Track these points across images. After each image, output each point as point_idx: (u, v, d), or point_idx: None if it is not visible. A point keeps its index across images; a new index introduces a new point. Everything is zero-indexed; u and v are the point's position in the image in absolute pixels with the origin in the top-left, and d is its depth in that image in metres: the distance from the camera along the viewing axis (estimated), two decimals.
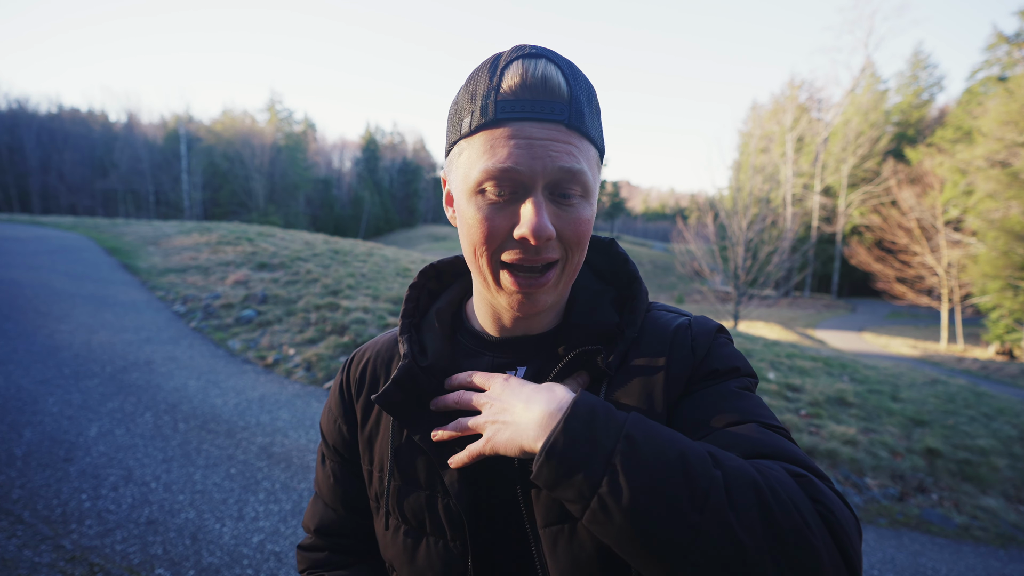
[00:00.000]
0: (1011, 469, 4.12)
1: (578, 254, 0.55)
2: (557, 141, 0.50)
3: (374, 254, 10.68)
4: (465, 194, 0.54)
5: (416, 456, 0.62)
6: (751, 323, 22.64)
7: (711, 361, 0.60)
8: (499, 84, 0.51)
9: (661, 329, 0.63)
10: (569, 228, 0.53)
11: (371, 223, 60.72)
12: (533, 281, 0.54)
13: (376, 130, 69.34)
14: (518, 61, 0.51)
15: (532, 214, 0.50)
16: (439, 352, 0.64)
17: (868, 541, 3.13)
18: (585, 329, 0.61)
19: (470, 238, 0.54)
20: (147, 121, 54.75)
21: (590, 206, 0.54)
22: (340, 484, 0.71)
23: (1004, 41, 21.77)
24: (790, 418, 4.64)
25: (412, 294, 0.70)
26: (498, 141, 0.50)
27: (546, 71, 0.50)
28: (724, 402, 0.56)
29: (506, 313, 0.62)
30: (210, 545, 2.47)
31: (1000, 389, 10.20)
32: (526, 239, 0.51)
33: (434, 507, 0.61)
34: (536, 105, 0.50)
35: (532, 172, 0.50)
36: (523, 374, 0.63)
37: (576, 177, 0.51)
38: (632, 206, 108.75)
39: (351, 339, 5.57)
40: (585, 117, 0.52)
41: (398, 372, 0.61)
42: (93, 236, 11.99)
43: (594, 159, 0.55)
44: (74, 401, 3.82)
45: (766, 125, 36.64)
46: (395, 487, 0.64)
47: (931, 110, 35.36)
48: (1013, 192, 16.57)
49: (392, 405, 0.61)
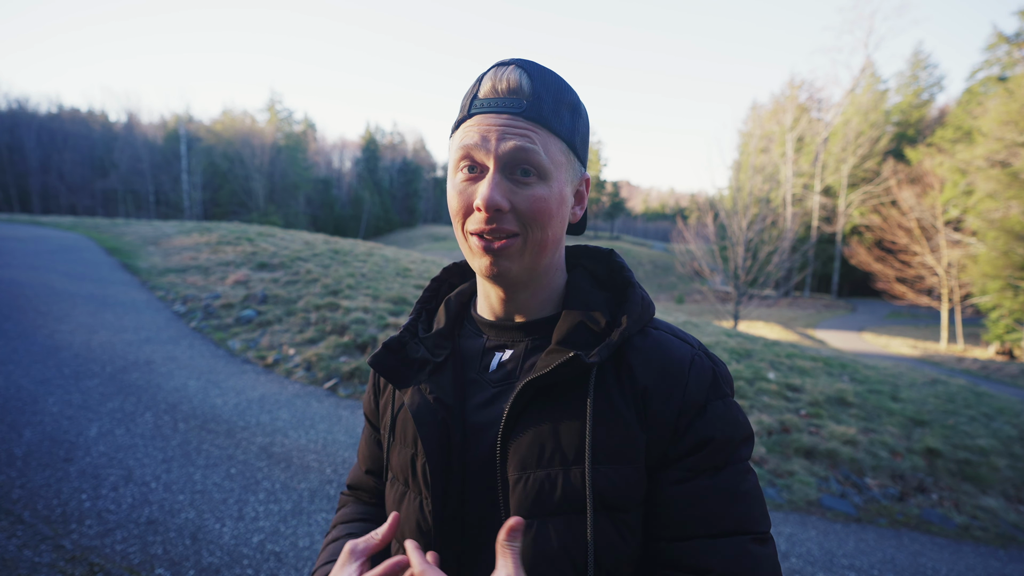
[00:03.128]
0: (1011, 469, 4.12)
1: (538, 230, 0.60)
2: (513, 127, 0.58)
3: (374, 254, 10.68)
4: (449, 175, 0.64)
5: (406, 416, 0.69)
6: (751, 323, 22.64)
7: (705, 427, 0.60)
8: (477, 90, 0.61)
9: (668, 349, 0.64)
10: (524, 203, 0.59)
11: (371, 223, 60.72)
12: (494, 245, 0.60)
13: (376, 130, 69.31)
14: (493, 70, 0.62)
15: (485, 187, 0.58)
16: (439, 328, 0.73)
17: (868, 541, 3.13)
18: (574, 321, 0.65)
19: (451, 211, 0.63)
20: (147, 121, 54.71)
21: (547, 187, 0.60)
22: (367, 449, 0.83)
23: (1004, 41, 21.76)
24: (790, 418, 4.64)
25: (433, 285, 0.81)
26: (468, 129, 0.61)
27: (511, 75, 0.60)
28: (714, 503, 0.58)
29: (492, 291, 0.68)
30: (210, 545, 2.47)
31: (1000, 389, 10.20)
32: (480, 209, 0.58)
33: (414, 464, 0.66)
34: (500, 101, 0.59)
35: (488, 150, 0.58)
36: (509, 355, 0.68)
37: (529, 156, 0.58)
38: (632, 206, 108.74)
39: (351, 339, 5.57)
40: (545, 110, 0.59)
41: (389, 339, 0.71)
42: (93, 236, 12.00)
43: (557, 148, 0.61)
44: (74, 401, 3.82)
45: (766, 125, 36.64)
46: (390, 445, 0.72)
47: (931, 110, 35.35)
48: (1013, 192, 16.57)
49: (382, 367, 0.69)
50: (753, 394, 5.21)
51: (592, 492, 0.57)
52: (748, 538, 0.57)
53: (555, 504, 0.58)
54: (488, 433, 0.63)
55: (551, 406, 0.61)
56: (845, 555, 2.96)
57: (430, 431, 0.63)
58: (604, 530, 0.57)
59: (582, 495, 0.57)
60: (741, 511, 0.58)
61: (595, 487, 0.57)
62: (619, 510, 0.58)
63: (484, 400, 0.66)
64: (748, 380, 5.59)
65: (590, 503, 0.57)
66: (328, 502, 2.91)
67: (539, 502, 0.58)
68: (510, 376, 0.66)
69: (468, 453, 0.63)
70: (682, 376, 0.61)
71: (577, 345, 0.62)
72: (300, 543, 2.55)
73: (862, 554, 2.98)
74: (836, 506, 3.47)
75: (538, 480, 0.59)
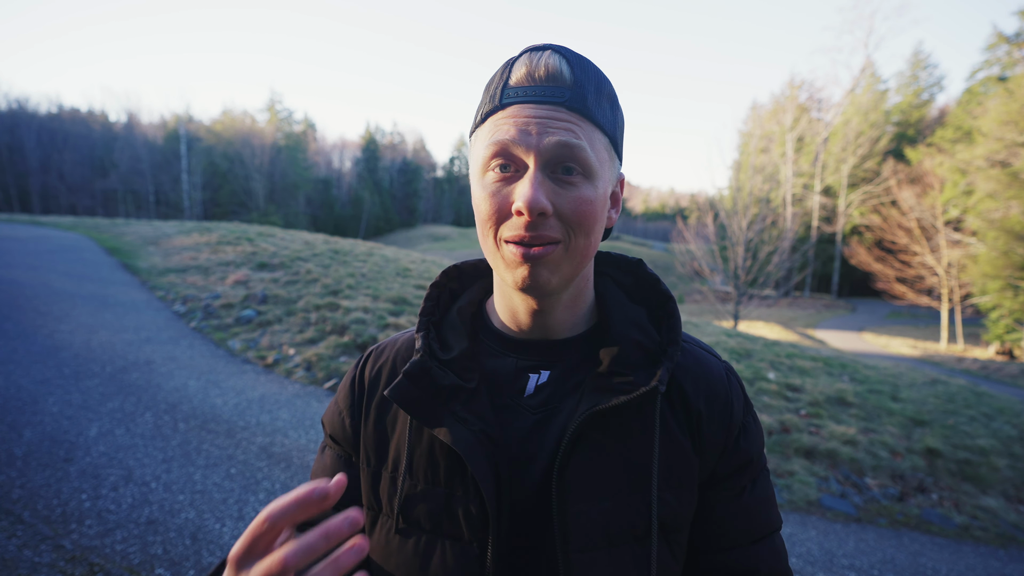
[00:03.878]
0: (1011, 469, 4.12)
1: (582, 236, 0.54)
2: (556, 119, 0.52)
3: (374, 254, 10.68)
4: (475, 176, 0.57)
5: (434, 453, 0.60)
6: (751, 323, 22.64)
7: (747, 448, 0.63)
8: (508, 77, 0.55)
9: (708, 367, 0.64)
10: (568, 205, 0.52)
11: (371, 223, 60.70)
12: (534, 252, 0.53)
13: (376, 130, 69.33)
14: (526, 55, 0.55)
15: (527, 188, 0.51)
16: (462, 348, 0.63)
17: (868, 541, 3.13)
18: (626, 341, 0.60)
19: (479, 217, 0.56)
20: (147, 121, 54.75)
21: (593, 188, 0.54)
22: (331, 473, 0.69)
23: (1004, 41, 21.76)
24: (790, 418, 4.64)
25: (433, 293, 0.70)
26: (501, 122, 0.54)
27: (549, 60, 0.53)
28: (755, 513, 0.62)
29: (522, 304, 0.61)
30: (210, 545, 2.47)
31: (1000, 389, 10.20)
32: (521, 212, 0.51)
33: (452, 507, 0.58)
34: (538, 90, 0.53)
35: (528, 146, 0.52)
36: (546, 377, 0.61)
37: (574, 153, 0.52)
38: (632, 206, 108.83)
39: (351, 339, 5.57)
40: (588, 101, 0.53)
41: (409, 366, 0.60)
42: (93, 236, 12.00)
43: (600, 143, 0.55)
44: (74, 401, 3.82)
45: (766, 125, 36.64)
46: (408, 487, 0.60)
47: (931, 110, 35.35)
48: (1013, 192, 16.57)
49: (405, 400, 0.59)
50: (753, 394, 5.21)
51: (657, 520, 0.56)
52: (775, 535, 0.64)
53: (621, 535, 0.56)
54: (535, 464, 0.57)
55: (610, 432, 0.57)
56: (845, 555, 2.96)
57: (484, 469, 0.56)
58: (662, 555, 0.57)
59: (646, 524, 0.56)
60: (771, 513, 0.64)
61: (660, 515, 0.57)
62: (675, 532, 0.59)
63: (526, 429, 0.59)
64: (748, 380, 5.59)
65: (655, 531, 0.56)
66: None
67: (605, 533, 0.55)
68: (551, 400, 0.60)
69: (514, 488, 0.58)
70: (727, 399, 0.63)
71: (631, 367, 0.58)
72: None
73: (862, 554, 2.98)
74: (836, 506, 3.47)
75: (604, 511, 0.55)
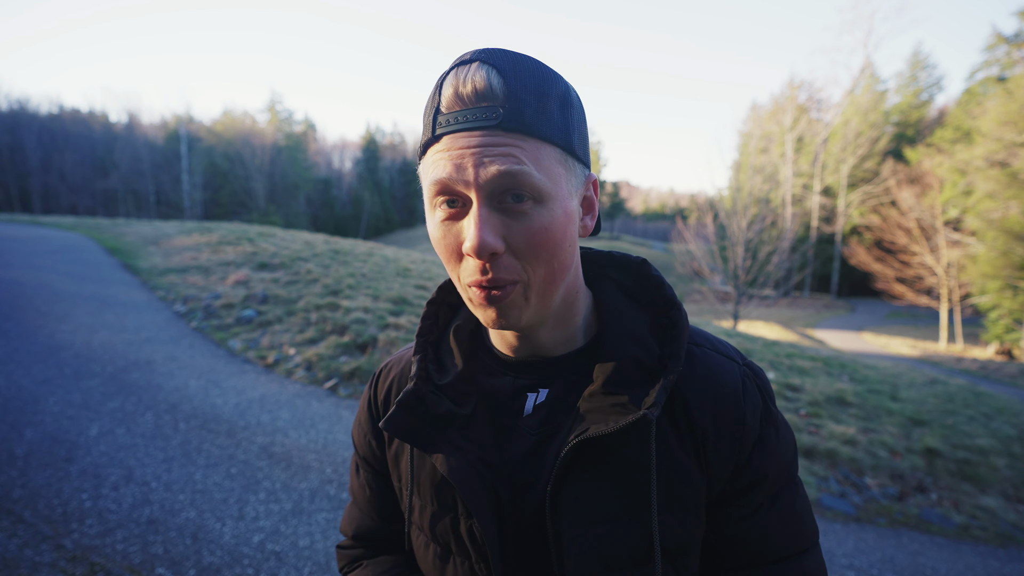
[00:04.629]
0: (1010, 469, 4.12)
1: (541, 268, 0.50)
2: (492, 146, 0.47)
3: (374, 254, 10.68)
4: (428, 213, 0.53)
5: (436, 477, 0.60)
6: (751, 323, 22.64)
7: (762, 460, 0.57)
8: (439, 101, 0.49)
9: (720, 376, 0.58)
10: (521, 238, 0.48)
11: (371, 223, 60.71)
12: (496, 295, 0.50)
13: (376, 130, 69.36)
14: (453, 72, 0.49)
15: (472, 228, 0.47)
16: (457, 371, 0.61)
17: (867, 541, 3.13)
18: (621, 357, 0.57)
19: (440, 256, 0.53)
20: (148, 121, 54.76)
21: (549, 211, 0.48)
22: (375, 494, 0.71)
23: (1003, 41, 21.75)
24: (790, 418, 4.65)
25: (430, 311, 0.67)
26: (437, 157, 0.49)
27: (476, 76, 0.47)
28: (777, 531, 0.57)
29: (507, 332, 0.59)
30: (211, 544, 2.47)
31: (999, 389, 10.20)
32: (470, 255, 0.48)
33: (457, 529, 0.59)
34: (468, 114, 0.47)
35: (466, 182, 0.47)
36: (544, 396, 0.59)
37: (518, 180, 0.46)
38: (632, 206, 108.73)
39: (351, 339, 5.57)
40: (527, 115, 0.47)
41: (403, 396, 0.59)
42: (94, 236, 12.00)
43: (551, 157, 0.49)
44: (75, 401, 3.83)
45: (766, 125, 36.65)
46: (420, 506, 0.62)
47: (930, 110, 35.34)
48: (1012, 192, 16.57)
49: (400, 430, 0.58)
50: None
51: (659, 546, 0.54)
52: (804, 555, 0.58)
53: (619, 560, 0.54)
54: (535, 487, 0.56)
55: (604, 456, 0.55)
56: (844, 555, 2.96)
57: (478, 497, 0.55)
58: None
59: (647, 549, 0.54)
60: (796, 531, 0.58)
61: (661, 541, 0.54)
62: (681, 555, 0.56)
63: (525, 450, 0.58)
64: None
65: (659, 558, 0.54)
66: (328, 501, 2.92)
67: (602, 560, 0.54)
68: (549, 420, 0.58)
69: (517, 510, 0.57)
70: (739, 410, 0.57)
71: (627, 385, 0.55)
72: (300, 543, 2.56)
73: (861, 554, 2.99)
74: (835, 506, 3.48)
75: (599, 537, 0.54)
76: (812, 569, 0.58)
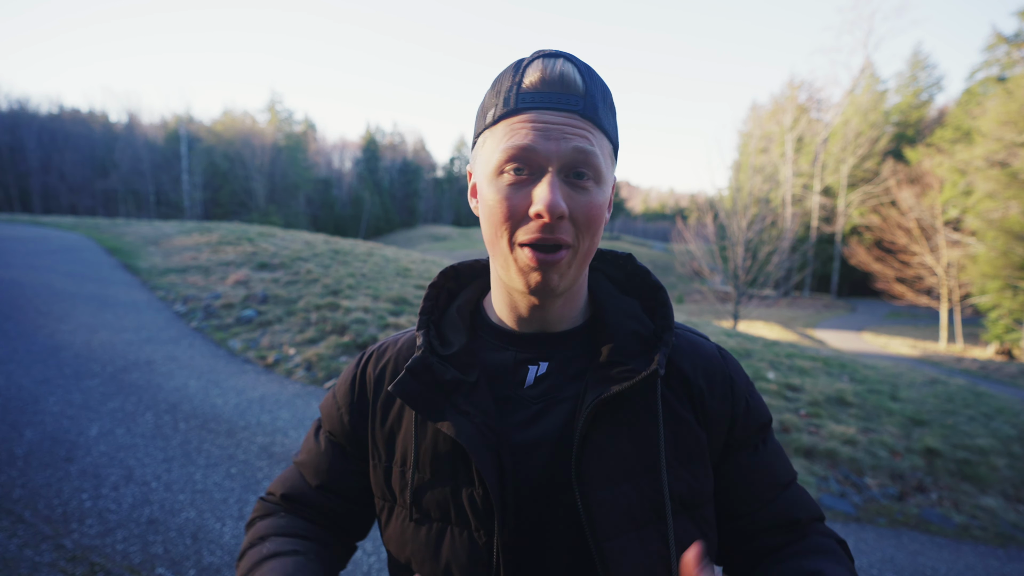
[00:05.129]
0: (1010, 469, 4.12)
1: (588, 239, 0.57)
2: (571, 126, 0.54)
3: (374, 254, 10.69)
4: (487, 178, 0.58)
5: (438, 446, 0.62)
6: (751, 323, 22.64)
7: (755, 414, 0.67)
8: (521, 80, 0.56)
9: (701, 348, 0.68)
10: (581, 210, 0.55)
11: (371, 223, 60.73)
12: (548, 257, 0.55)
13: (376, 130, 69.33)
14: (539, 60, 0.56)
15: (547, 191, 0.53)
16: (462, 344, 0.66)
17: (867, 540, 3.13)
18: (622, 331, 0.63)
19: (491, 219, 0.57)
20: (147, 121, 54.78)
21: (602, 192, 0.57)
22: (326, 457, 0.72)
23: (1003, 41, 21.75)
24: (790, 418, 4.65)
25: (431, 292, 0.72)
26: (518, 126, 0.55)
27: (563, 68, 0.55)
28: (774, 465, 0.67)
29: (522, 300, 0.63)
30: (211, 544, 2.47)
31: (999, 389, 10.20)
32: (541, 215, 0.53)
33: (459, 498, 0.60)
34: (553, 96, 0.55)
35: (547, 152, 0.54)
36: (545, 368, 0.64)
37: (588, 159, 0.55)
38: (632, 206, 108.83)
39: (351, 339, 5.57)
40: (599, 111, 0.56)
41: (412, 362, 0.62)
42: (94, 236, 12.00)
43: (607, 151, 0.58)
44: (75, 401, 3.83)
45: (766, 125, 36.65)
46: (418, 480, 0.63)
47: (930, 110, 35.35)
48: (1012, 192, 16.57)
49: (408, 395, 0.61)
50: None
51: (671, 497, 0.58)
52: (795, 483, 0.69)
53: (644, 516, 0.57)
54: (539, 453, 0.60)
55: (619, 418, 0.59)
56: None
57: (486, 460, 0.58)
58: (687, 530, 0.59)
59: (664, 502, 0.58)
60: (786, 463, 0.69)
61: (673, 491, 0.59)
62: (697, 507, 0.61)
63: (527, 418, 0.62)
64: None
65: (669, 508, 0.57)
66: None
67: (629, 516, 0.57)
68: (551, 391, 0.62)
69: (519, 476, 0.60)
70: (724, 372, 0.67)
71: (630, 355, 0.61)
72: None
73: (861, 554, 2.99)
74: (835, 506, 3.48)
75: (623, 495, 0.57)
76: (805, 493, 0.69)
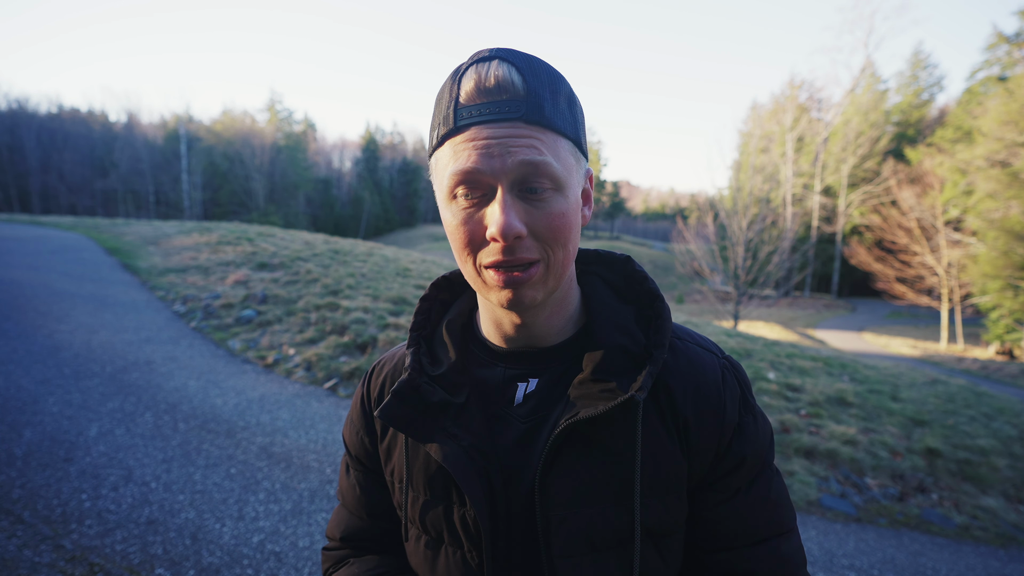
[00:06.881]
0: (1011, 469, 4.12)
1: (559, 250, 0.53)
2: (516, 137, 0.50)
3: (374, 254, 10.68)
4: (443, 202, 0.55)
5: (430, 467, 0.62)
6: (751, 323, 22.64)
7: (741, 446, 0.60)
8: (458, 93, 0.51)
9: (701, 368, 0.62)
10: (542, 223, 0.51)
11: (371, 223, 60.75)
12: (517, 277, 0.52)
13: (376, 130, 69.36)
14: (472, 67, 0.51)
15: (498, 213, 0.50)
16: (451, 362, 0.64)
17: (868, 541, 3.13)
18: (609, 346, 0.59)
19: (454, 244, 0.55)
20: (147, 121, 54.82)
21: (564, 199, 0.52)
22: (365, 493, 0.72)
23: (1004, 41, 21.74)
24: (790, 418, 4.64)
25: (423, 307, 0.70)
26: (460, 147, 0.51)
27: (499, 72, 0.50)
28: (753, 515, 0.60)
29: (504, 317, 0.61)
30: (210, 545, 2.47)
31: (1000, 389, 10.20)
32: (496, 240, 0.50)
33: (450, 518, 0.60)
34: (491, 107, 0.50)
35: (493, 171, 0.50)
36: (535, 385, 0.61)
37: (540, 169, 0.50)
38: (632, 206, 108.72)
39: (351, 339, 5.57)
40: (546, 109, 0.51)
41: (397, 385, 0.61)
42: (93, 236, 11.99)
43: (565, 149, 0.53)
44: (74, 401, 3.82)
45: (766, 125, 36.66)
46: (412, 498, 0.63)
47: (931, 110, 35.34)
48: (1013, 192, 16.57)
49: (395, 418, 0.60)
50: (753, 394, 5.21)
51: (641, 527, 0.56)
52: (780, 538, 0.61)
53: (605, 541, 0.56)
54: (526, 473, 0.59)
55: (592, 440, 0.57)
56: (845, 555, 2.96)
57: (474, 484, 0.57)
58: (649, 559, 0.58)
59: (631, 530, 0.56)
60: (773, 516, 0.61)
61: (644, 521, 0.57)
62: (664, 536, 0.59)
63: (516, 438, 0.60)
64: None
65: (638, 537, 0.56)
66: (328, 502, 2.91)
67: (588, 540, 0.56)
68: (540, 409, 0.60)
69: (508, 497, 0.59)
70: (719, 399, 0.60)
71: (614, 372, 0.57)
72: (300, 543, 2.55)
73: (862, 554, 2.98)
74: (836, 506, 3.47)
75: (585, 518, 0.56)
76: (788, 552, 0.60)
